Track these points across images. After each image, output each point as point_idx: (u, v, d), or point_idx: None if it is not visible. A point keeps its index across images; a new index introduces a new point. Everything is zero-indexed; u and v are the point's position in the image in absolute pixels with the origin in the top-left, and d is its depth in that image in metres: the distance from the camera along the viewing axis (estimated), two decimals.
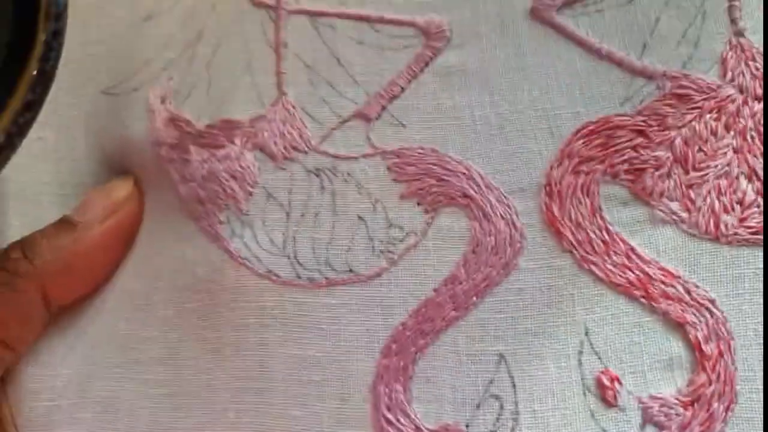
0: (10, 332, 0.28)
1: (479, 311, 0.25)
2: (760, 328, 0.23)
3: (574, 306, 0.24)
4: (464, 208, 0.26)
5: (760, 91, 0.24)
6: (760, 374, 0.23)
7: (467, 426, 0.24)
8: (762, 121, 0.24)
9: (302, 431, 0.25)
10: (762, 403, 0.22)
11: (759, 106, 0.24)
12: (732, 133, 0.24)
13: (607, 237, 0.24)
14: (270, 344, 0.26)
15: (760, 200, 0.24)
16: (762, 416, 0.22)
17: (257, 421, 0.26)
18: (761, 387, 0.22)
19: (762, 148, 0.24)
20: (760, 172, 0.24)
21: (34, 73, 0.22)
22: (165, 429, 0.27)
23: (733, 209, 0.24)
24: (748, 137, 0.24)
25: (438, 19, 0.28)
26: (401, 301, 0.25)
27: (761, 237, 0.23)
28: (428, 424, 0.24)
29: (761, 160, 0.24)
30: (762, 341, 0.23)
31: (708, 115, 0.24)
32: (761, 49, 0.25)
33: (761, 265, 0.23)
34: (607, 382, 0.24)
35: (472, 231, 0.25)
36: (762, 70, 0.24)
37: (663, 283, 0.24)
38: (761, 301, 0.23)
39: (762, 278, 0.23)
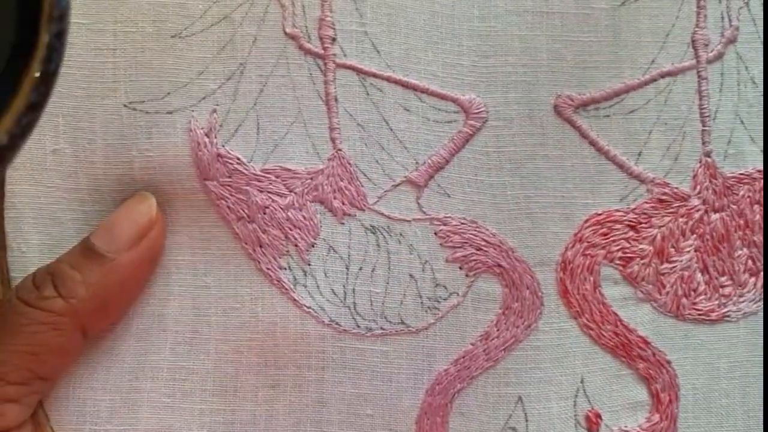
0: (50, 366, 0.29)
1: (506, 362, 0.31)
2: (699, 382, 0.32)
3: (575, 360, 0.31)
4: (497, 276, 0.31)
5: (718, 204, 0.32)
6: (693, 415, 0.32)
7: None
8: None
9: None
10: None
11: (715, 216, 0.32)
12: (695, 235, 0.32)
13: (603, 309, 0.32)
14: (328, 383, 0.30)
15: (708, 290, 0.32)
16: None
17: None
18: (694, 423, 0.32)
19: None
20: (711, 268, 0.32)
21: (37, 74, 0.22)
22: None
23: (688, 295, 0.32)
24: (706, 239, 0.32)
25: (478, 100, 0.32)
26: (444, 352, 0.31)
27: (706, 317, 0.32)
28: None
29: (713, 258, 0.32)
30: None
31: (680, 219, 0.32)
32: (723, 169, 0.32)
33: (704, 338, 0.32)
34: (592, 418, 0.31)
35: (503, 296, 0.31)
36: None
37: (638, 347, 0.32)
38: (703, 360, 0.32)
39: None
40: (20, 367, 0.28)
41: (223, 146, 0.30)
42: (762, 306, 0.32)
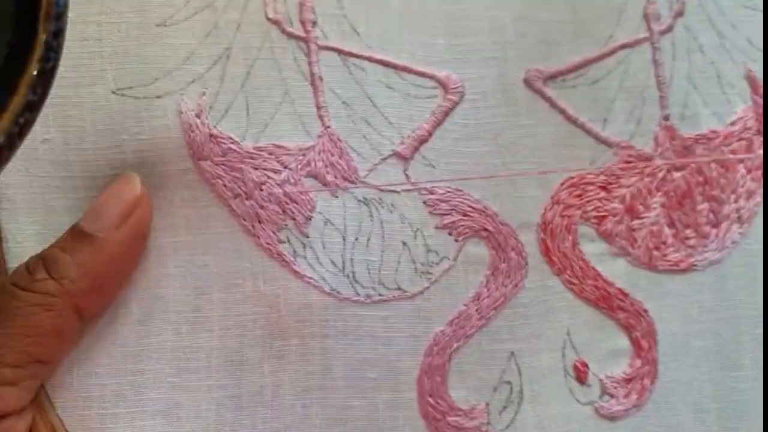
0: (46, 349, 0.29)
1: (497, 320, 0.33)
2: (674, 328, 0.34)
3: (561, 314, 0.33)
4: (484, 240, 0.33)
5: (678, 164, 0.35)
6: (672, 358, 0.34)
7: (487, 404, 0.32)
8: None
9: (363, 416, 0.31)
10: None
11: (677, 175, 0.35)
12: (660, 193, 0.35)
13: (582, 265, 0.34)
14: (332, 350, 0.31)
15: (676, 242, 0.35)
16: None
17: (323, 412, 0.31)
18: (674, 366, 0.34)
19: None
20: (677, 222, 0.35)
21: (35, 73, 0.22)
22: (231, 427, 0.31)
23: (659, 248, 0.34)
24: (670, 196, 0.35)
25: (455, 76, 0.33)
26: (439, 313, 0.32)
27: (676, 267, 0.35)
28: (461, 404, 0.32)
29: (678, 213, 0.35)
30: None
31: (646, 179, 0.35)
32: (681, 131, 0.35)
33: (675, 286, 0.35)
34: (580, 367, 0.33)
35: (490, 258, 0.33)
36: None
37: (618, 298, 0.34)
38: (677, 307, 0.34)
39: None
40: (16, 349, 0.28)
41: (215, 127, 0.31)
42: (725, 255, 0.35)
